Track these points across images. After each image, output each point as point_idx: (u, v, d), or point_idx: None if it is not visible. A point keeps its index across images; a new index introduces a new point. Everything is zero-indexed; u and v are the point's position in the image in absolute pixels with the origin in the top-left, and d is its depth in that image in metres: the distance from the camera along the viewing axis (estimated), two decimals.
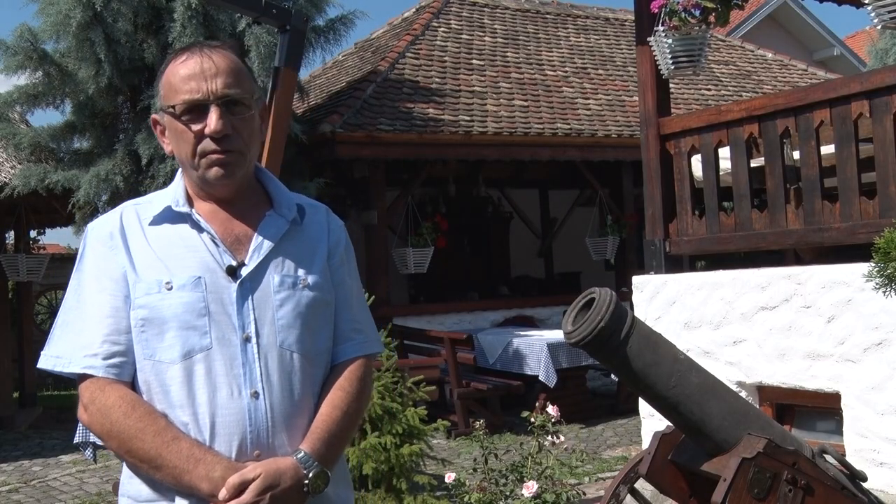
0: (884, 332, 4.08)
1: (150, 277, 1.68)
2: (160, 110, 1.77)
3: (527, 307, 11.22)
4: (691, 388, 2.64)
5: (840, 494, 2.63)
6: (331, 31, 8.90)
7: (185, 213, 1.74)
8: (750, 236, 4.91)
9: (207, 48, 1.75)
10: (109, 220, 1.77)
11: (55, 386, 13.75)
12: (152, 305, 1.67)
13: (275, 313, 1.71)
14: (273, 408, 1.68)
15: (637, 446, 6.93)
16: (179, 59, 1.74)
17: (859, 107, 4.34)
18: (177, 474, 1.61)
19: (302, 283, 1.75)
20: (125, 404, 1.65)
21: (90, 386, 1.67)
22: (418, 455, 4.65)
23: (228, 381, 1.66)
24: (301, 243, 1.80)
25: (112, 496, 6.52)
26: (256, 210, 1.79)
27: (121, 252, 1.71)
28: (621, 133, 10.60)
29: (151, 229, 1.74)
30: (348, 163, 9.55)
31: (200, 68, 1.71)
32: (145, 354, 1.67)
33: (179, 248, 1.71)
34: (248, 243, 1.75)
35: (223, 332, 1.67)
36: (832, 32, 18.95)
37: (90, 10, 7.47)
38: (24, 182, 8.14)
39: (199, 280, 1.68)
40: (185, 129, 1.71)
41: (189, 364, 1.65)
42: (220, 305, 1.68)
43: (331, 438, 1.71)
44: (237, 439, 1.65)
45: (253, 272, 1.72)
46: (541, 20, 13.68)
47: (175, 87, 1.72)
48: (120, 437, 1.64)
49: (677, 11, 4.82)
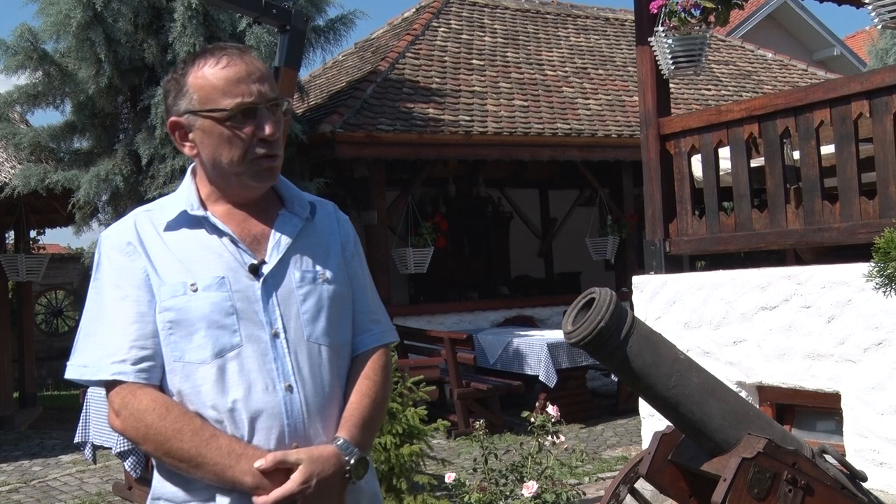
0: (884, 332, 4.08)
1: (175, 280, 1.69)
2: (187, 113, 1.73)
3: (527, 307, 11.22)
4: (691, 388, 2.64)
5: (840, 494, 2.63)
6: (331, 31, 8.90)
7: (201, 217, 1.75)
8: (750, 236, 4.91)
9: (239, 51, 1.75)
10: (124, 227, 1.77)
11: (55, 386, 13.75)
12: (179, 307, 1.68)
13: (299, 308, 1.74)
14: (307, 399, 1.71)
15: (637, 446, 6.93)
16: (214, 63, 1.71)
17: (859, 107, 4.34)
18: (219, 471, 1.63)
19: (321, 278, 1.79)
20: (159, 407, 1.66)
21: (121, 392, 1.68)
22: (418, 455, 4.65)
23: (262, 377, 1.68)
24: (315, 239, 1.83)
25: (112, 496, 6.52)
26: (269, 209, 1.81)
27: (140, 258, 1.72)
28: (621, 133, 10.60)
29: (168, 234, 1.75)
30: (348, 163, 9.55)
31: (246, 72, 1.71)
32: (174, 356, 1.68)
33: (199, 250, 1.73)
34: (266, 242, 1.77)
35: (252, 330, 1.70)
36: (832, 32, 18.96)
37: (90, 10, 7.47)
38: (24, 182, 8.13)
39: (223, 280, 1.70)
40: (235, 132, 1.70)
41: (222, 362, 1.67)
42: (247, 303, 1.70)
43: (365, 425, 1.76)
44: (276, 433, 1.67)
45: (274, 269, 1.74)
46: (541, 20, 13.68)
47: (221, 89, 1.70)
48: (157, 439, 1.65)
49: (677, 12, 4.82)
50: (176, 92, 1.75)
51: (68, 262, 14.42)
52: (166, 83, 1.79)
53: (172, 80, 1.77)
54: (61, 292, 14.71)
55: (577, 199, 12.43)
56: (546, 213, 13.56)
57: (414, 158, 9.84)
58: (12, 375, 10.72)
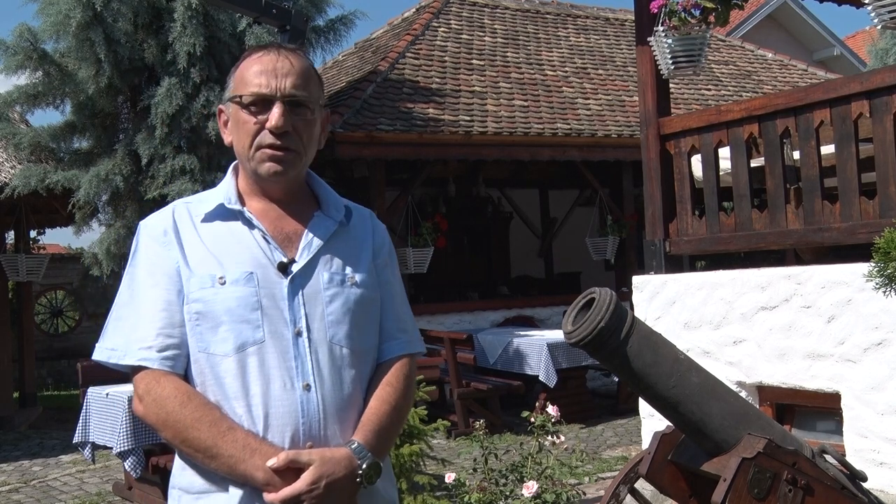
0: (884, 332, 4.08)
1: (204, 272, 1.72)
2: (227, 101, 1.82)
3: (527, 307, 11.22)
4: (691, 388, 2.64)
5: (840, 494, 2.63)
6: (331, 31, 8.90)
7: (236, 211, 1.79)
8: (750, 236, 4.91)
9: (286, 49, 1.82)
10: (162, 217, 1.81)
11: (55, 386, 13.75)
12: (206, 300, 1.71)
13: (324, 309, 1.76)
14: (325, 400, 1.71)
15: (637, 446, 6.93)
16: (256, 55, 1.80)
17: (859, 107, 4.34)
18: (232, 463, 1.64)
19: (350, 281, 1.80)
20: (181, 395, 1.68)
21: (145, 377, 1.71)
22: (418, 455, 4.64)
23: (281, 374, 1.70)
24: (348, 243, 1.85)
25: (112, 496, 6.52)
26: (305, 210, 1.84)
27: (174, 248, 1.75)
28: (621, 133, 10.60)
29: (204, 226, 1.78)
30: (348, 163, 9.55)
31: (274, 66, 1.77)
32: (199, 347, 1.71)
33: (231, 244, 1.76)
34: (298, 241, 1.79)
35: (275, 326, 1.71)
36: (832, 32, 18.97)
37: (90, 9, 7.47)
38: (24, 182, 8.13)
39: (251, 275, 1.72)
40: (247, 118, 1.76)
41: (243, 357, 1.69)
42: (272, 300, 1.72)
43: (381, 431, 1.76)
44: (290, 430, 1.68)
45: (303, 269, 1.76)
46: (541, 20, 13.68)
47: (246, 79, 1.77)
48: (176, 426, 1.67)
49: (677, 11, 4.82)
50: (228, 83, 1.85)
51: (68, 262, 14.42)
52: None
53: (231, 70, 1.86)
54: (61, 292, 14.70)
55: (577, 199, 12.43)
56: (546, 213, 13.56)
57: (414, 158, 9.84)
58: (12, 375, 10.72)
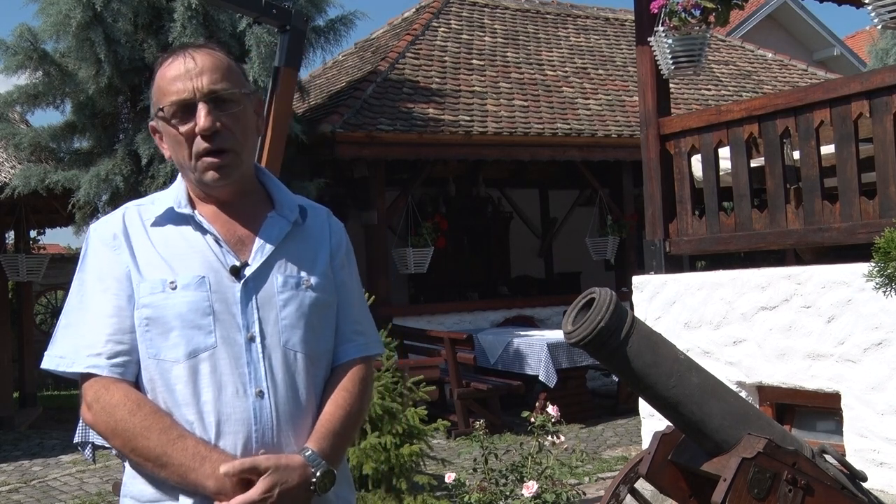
0: (884, 332, 4.08)
1: (155, 277, 1.68)
2: (154, 117, 1.76)
3: (527, 307, 11.22)
4: (691, 388, 2.64)
5: (840, 494, 2.63)
6: (331, 31, 8.90)
7: (187, 215, 1.74)
8: (750, 236, 4.91)
9: (191, 48, 1.74)
10: (112, 220, 1.77)
11: (55, 386, 13.75)
12: (157, 305, 1.67)
13: (278, 313, 1.71)
14: (278, 407, 1.68)
15: (637, 446, 6.93)
16: (166, 63, 1.74)
17: (859, 107, 4.34)
18: (182, 472, 1.61)
19: (305, 284, 1.76)
20: (130, 402, 1.64)
21: (94, 385, 1.67)
22: (418, 455, 4.65)
23: (234, 380, 1.66)
24: (303, 244, 1.80)
25: (112, 496, 6.52)
26: (258, 211, 1.79)
27: (124, 252, 1.71)
28: (621, 133, 10.60)
29: (154, 230, 1.74)
30: (348, 163, 9.54)
31: (184, 68, 1.70)
32: (149, 353, 1.67)
33: (183, 248, 1.71)
34: (251, 244, 1.75)
35: (228, 332, 1.67)
36: (832, 32, 18.96)
37: (90, 10, 7.47)
38: (24, 182, 8.13)
39: (203, 280, 1.68)
40: (178, 129, 1.70)
41: (194, 363, 1.65)
42: (225, 305, 1.68)
43: (336, 438, 1.72)
44: (242, 438, 1.65)
45: (256, 272, 1.72)
46: (541, 20, 13.68)
47: (163, 89, 1.72)
48: (125, 435, 1.63)
49: (677, 12, 4.82)
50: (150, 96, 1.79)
51: (68, 262, 14.40)
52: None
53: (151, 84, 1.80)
54: (61, 292, 14.70)
55: (577, 199, 12.43)
56: (546, 213, 13.56)
57: (414, 158, 9.84)
58: (12, 375, 10.72)
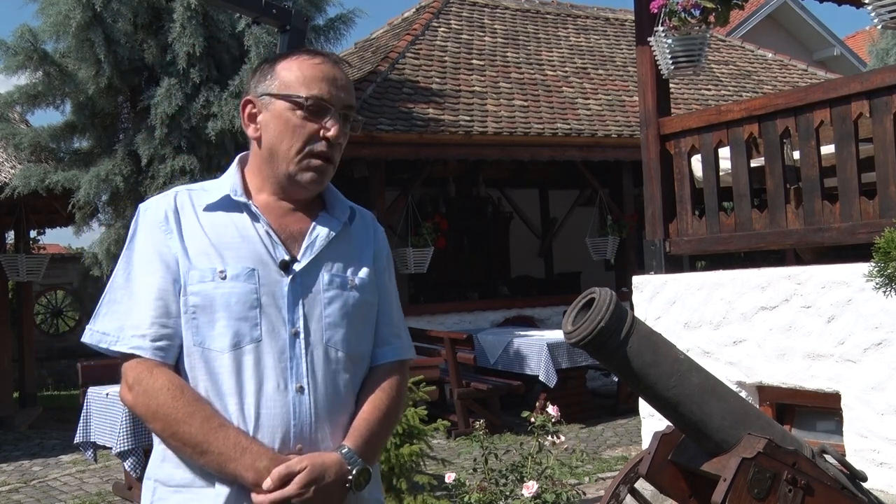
0: (884, 332, 4.08)
1: (204, 265, 1.69)
2: (264, 95, 1.76)
3: (527, 307, 11.22)
4: (691, 388, 2.64)
5: (840, 494, 2.63)
6: (331, 30, 8.90)
7: (242, 203, 1.75)
8: (750, 236, 4.91)
9: (335, 59, 1.81)
10: (164, 201, 1.76)
11: (55, 386, 13.76)
12: (205, 293, 1.67)
13: (322, 311, 1.74)
14: (317, 403, 1.70)
15: (637, 446, 6.93)
16: (309, 59, 1.78)
17: (859, 107, 4.34)
18: (222, 461, 1.62)
19: (350, 284, 1.78)
20: (173, 387, 1.65)
21: (137, 367, 1.67)
22: (418, 455, 4.64)
23: (276, 374, 1.68)
24: (350, 245, 1.83)
25: (112, 496, 6.52)
26: (310, 209, 1.81)
27: (174, 236, 1.71)
28: (621, 133, 10.60)
29: (206, 216, 1.74)
30: (348, 163, 9.54)
31: (334, 75, 1.76)
32: (195, 341, 1.68)
33: (234, 237, 1.72)
34: (302, 240, 1.77)
35: (273, 325, 1.69)
36: (832, 32, 18.96)
37: (90, 10, 7.47)
38: (24, 182, 8.13)
39: (252, 272, 1.69)
40: (303, 121, 1.73)
41: (238, 354, 1.67)
42: (272, 298, 1.69)
43: (372, 437, 1.75)
44: (281, 432, 1.67)
45: (305, 269, 1.74)
46: (541, 20, 13.68)
47: (304, 80, 1.74)
48: (167, 419, 1.64)
49: (677, 12, 4.82)
50: (262, 76, 1.79)
51: (68, 262, 14.42)
52: (255, 69, 1.83)
53: (263, 66, 1.81)
54: (61, 292, 14.70)
55: (577, 199, 12.43)
56: (546, 213, 13.56)
57: (414, 158, 9.84)
58: (12, 375, 10.72)
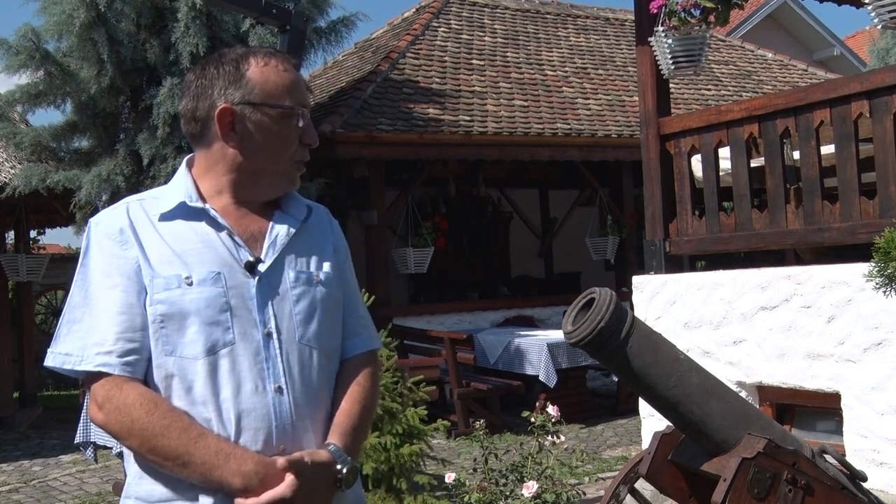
0: (884, 332, 4.08)
1: (168, 272, 1.65)
2: (243, 104, 1.72)
3: (527, 307, 11.22)
4: (691, 388, 2.64)
5: (840, 494, 2.63)
6: (332, 32, 8.91)
7: (200, 209, 1.73)
8: (750, 236, 4.91)
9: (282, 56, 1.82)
10: (116, 214, 1.72)
11: (55, 386, 13.75)
12: (172, 301, 1.64)
13: (292, 308, 1.72)
14: (296, 402, 1.68)
15: (637, 446, 6.93)
16: (277, 64, 1.76)
17: (859, 107, 4.34)
18: (206, 470, 1.58)
19: (315, 280, 1.77)
20: (147, 401, 1.61)
21: (105, 385, 1.63)
22: (418, 455, 4.64)
23: (253, 376, 1.65)
24: (310, 241, 1.82)
25: (112, 496, 6.52)
26: (266, 208, 1.80)
27: (133, 247, 1.67)
28: (621, 133, 10.60)
29: (163, 224, 1.71)
30: (348, 163, 9.55)
31: (294, 77, 1.79)
32: (166, 350, 1.64)
33: (195, 243, 1.70)
34: (262, 240, 1.75)
35: (245, 328, 1.67)
36: (832, 32, 18.97)
37: (93, 10, 7.47)
38: (24, 182, 8.13)
39: (218, 275, 1.67)
40: (291, 131, 1.76)
41: (213, 359, 1.64)
42: (241, 300, 1.67)
43: (355, 432, 1.74)
44: (263, 434, 1.64)
45: (270, 268, 1.72)
46: (541, 20, 13.69)
47: (286, 89, 1.76)
48: (142, 434, 1.60)
49: (677, 12, 4.82)
50: (229, 81, 1.72)
51: (68, 262, 14.40)
52: (210, 70, 1.75)
53: (222, 69, 1.74)
54: (61, 292, 14.70)
55: (577, 199, 12.43)
56: (546, 213, 13.56)
57: (414, 158, 9.84)
58: (12, 375, 10.72)
